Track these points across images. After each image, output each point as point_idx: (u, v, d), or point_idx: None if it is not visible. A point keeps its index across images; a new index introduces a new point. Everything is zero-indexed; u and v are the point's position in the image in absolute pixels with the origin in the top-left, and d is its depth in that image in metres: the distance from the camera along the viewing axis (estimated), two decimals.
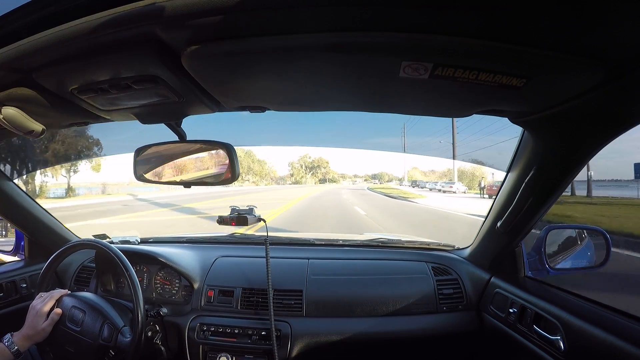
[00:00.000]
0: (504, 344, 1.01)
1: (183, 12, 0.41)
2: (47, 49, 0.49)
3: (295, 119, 62.31)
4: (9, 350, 0.85)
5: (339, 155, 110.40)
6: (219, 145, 0.74)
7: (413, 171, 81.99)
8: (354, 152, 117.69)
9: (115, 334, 0.89)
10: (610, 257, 1.07)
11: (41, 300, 0.93)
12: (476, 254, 1.25)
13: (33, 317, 0.90)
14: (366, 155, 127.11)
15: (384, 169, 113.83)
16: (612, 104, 0.58)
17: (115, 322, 0.91)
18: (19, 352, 0.86)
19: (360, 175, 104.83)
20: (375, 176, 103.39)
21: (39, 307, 0.91)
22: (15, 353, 0.85)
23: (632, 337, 0.65)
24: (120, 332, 0.90)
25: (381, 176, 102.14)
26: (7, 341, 0.86)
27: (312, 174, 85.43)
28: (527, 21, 0.41)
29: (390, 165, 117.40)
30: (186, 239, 1.55)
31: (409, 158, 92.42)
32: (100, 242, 1.03)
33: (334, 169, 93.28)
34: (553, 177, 0.81)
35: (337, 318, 1.13)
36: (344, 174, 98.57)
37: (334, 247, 1.45)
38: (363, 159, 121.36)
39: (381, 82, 0.57)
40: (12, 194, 1.20)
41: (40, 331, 0.88)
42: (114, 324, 0.91)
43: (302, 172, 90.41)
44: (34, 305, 0.92)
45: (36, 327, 0.88)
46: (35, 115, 0.70)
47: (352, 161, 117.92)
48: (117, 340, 0.88)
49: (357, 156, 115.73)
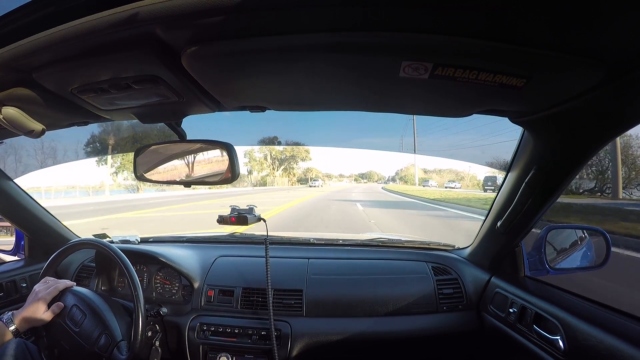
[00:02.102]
0: (503, 343, 1.00)
1: (183, 12, 0.41)
2: (47, 49, 0.49)
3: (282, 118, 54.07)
4: (7, 328, 0.84)
5: (323, 154, 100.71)
6: (219, 145, 0.74)
7: (412, 169, 75.18)
8: (340, 151, 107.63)
9: (111, 347, 0.87)
10: (610, 257, 1.07)
11: (45, 287, 0.92)
12: (476, 253, 1.25)
13: (34, 302, 0.89)
14: (352, 154, 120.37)
15: (373, 168, 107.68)
16: (612, 104, 0.58)
17: (113, 334, 0.89)
18: (17, 331, 0.85)
19: (346, 175, 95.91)
20: (363, 175, 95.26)
21: (41, 294, 0.90)
22: (14, 332, 0.85)
23: (632, 337, 0.65)
24: (117, 347, 0.87)
25: (370, 175, 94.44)
26: (6, 319, 0.86)
27: (284, 170, 50.92)
28: (527, 21, 0.41)
29: (379, 164, 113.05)
30: (186, 238, 1.55)
31: (404, 156, 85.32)
32: (100, 242, 1.03)
33: (317, 168, 74.34)
34: (553, 177, 0.81)
35: (337, 318, 1.13)
36: (329, 173, 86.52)
37: (334, 247, 1.45)
38: (349, 158, 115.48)
39: (381, 82, 0.57)
40: (12, 193, 1.20)
41: (39, 319, 0.88)
42: (112, 336, 0.89)
43: (267, 166, 54.53)
44: (36, 290, 0.91)
45: (35, 313, 0.87)
46: (35, 115, 0.70)
47: (337, 160, 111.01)
48: (113, 354, 0.86)
49: (342, 155, 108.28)
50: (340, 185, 58.76)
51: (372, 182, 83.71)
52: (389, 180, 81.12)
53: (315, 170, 71.52)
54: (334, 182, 74.85)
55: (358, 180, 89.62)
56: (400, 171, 75.81)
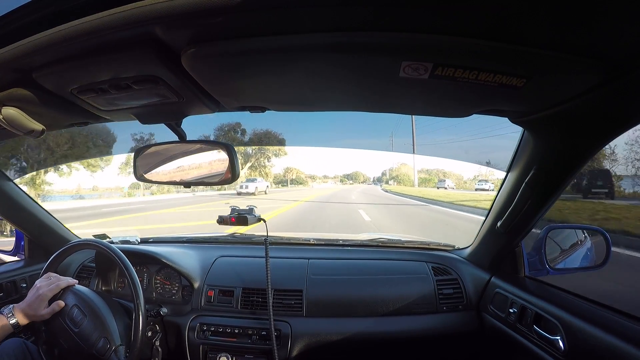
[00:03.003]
0: (504, 344, 1.00)
1: (183, 12, 0.41)
2: (47, 49, 0.48)
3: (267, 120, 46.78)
4: (8, 321, 0.84)
5: (306, 155, 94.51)
6: (219, 145, 0.74)
7: (404, 168, 69.28)
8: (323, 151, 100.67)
9: (109, 351, 0.87)
10: (610, 257, 1.07)
11: (47, 284, 0.92)
12: (476, 253, 1.25)
13: (34, 299, 0.88)
14: (337, 154, 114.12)
15: (358, 168, 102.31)
16: (612, 104, 0.58)
17: (112, 338, 0.89)
18: (17, 325, 0.85)
19: (331, 176, 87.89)
20: (349, 176, 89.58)
21: (42, 291, 0.89)
22: (14, 325, 0.85)
23: (632, 337, 0.65)
24: (115, 351, 0.87)
25: (355, 176, 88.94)
26: (7, 312, 0.85)
27: (251, 168, 35.41)
28: (527, 21, 0.41)
29: (364, 165, 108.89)
30: (186, 239, 1.55)
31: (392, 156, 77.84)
32: (100, 242, 1.03)
33: (299, 169, 65.30)
34: (553, 177, 0.81)
35: (337, 318, 1.13)
36: (313, 174, 77.55)
37: (334, 247, 1.45)
38: (334, 159, 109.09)
39: (381, 82, 0.57)
40: (12, 194, 1.20)
41: (39, 315, 0.88)
42: (111, 340, 0.88)
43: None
44: (38, 286, 0.91)
45: (35, 310, 0.87)
46: (35, 115, 0.70)
47: (321, 161, 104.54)
48: (110, 358, 0.86)
49: (326, 156, 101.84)
50: (326, 187, 50.88)
51: (358, 182, 78.76)
52: (377, 181, 77.78)
53: (297, 170, 63.85)
54: (318, 183, 67.94)
55: (344, 181, 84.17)
56: (392, 171, 72.66)
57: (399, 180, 61.50)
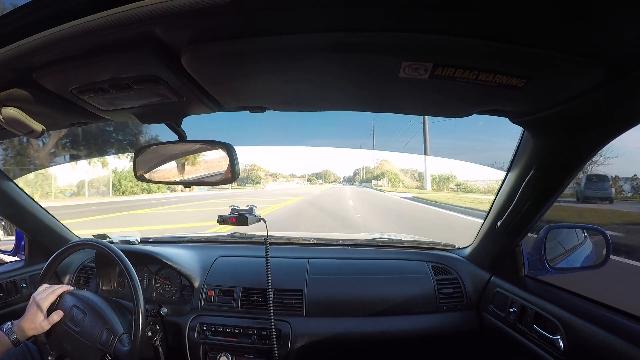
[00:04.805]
0: (504, 343, 1.01)
1: (183, 12, 0.40)
2: (47, 49, 0.48)
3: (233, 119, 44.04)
4: (8, 338, 0.85)
5: (273, 154, 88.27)
6: (219, 145, 0.74)
7: (386, 165, 65.87)
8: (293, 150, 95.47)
9: (114, 341, 0.88)
10: (610, 257, 1.07)
11: (42, 295, 0.92)
12: (476, 253, 1.25)
13: (33, 311, 0.89)
14: (307, 152, 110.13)
15: (328, 167, 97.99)
16: (612, 104, 0.58)
17: (114, 328, 0.90)
18: (17, 341, 0.86)
19: (299, 174, 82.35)
20: (318, 175, 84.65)
21: (39, 301, 0.90)
22: (14, 341, 0.85)
23: (632, 337, 0.65)
24: (119, 340, 0.89)
25: (326, 175, 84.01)
26: (6, 329, 0.86)
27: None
28: (527, 21, 0.41)
29: (335, 163, 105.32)
30: (186, 238, 1.55)
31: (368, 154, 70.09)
32: (100, 242, 1.03)
33: (263, 166, 58.87)
34: (553, 177, 0.81)
35: (337, 317, 1.13)
36: (276, 172, 70.53)
37: (334, 247, 1.45)
38: (303, 157, 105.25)
39: (381, 82, 0.57)
40: (12, 194, 1.20)
41: (39, 327, 0.88)
42: (113, 330, 0.90)
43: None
44: (35, 298, 0.92)
45: (35, 322, 0.88)
46: (35, 115, 0.70)
47: (289, 159, 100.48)
48: (116, 347, 0.88)
49: (295, 154, 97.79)
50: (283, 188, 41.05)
51: (329, 182, 73.61)
52: (349, 180, 73.35)
53: (258, 167, 59.94)
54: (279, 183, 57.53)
55: (312, 180, 78.89)
56: (372, 169, 69.15)
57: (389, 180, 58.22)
